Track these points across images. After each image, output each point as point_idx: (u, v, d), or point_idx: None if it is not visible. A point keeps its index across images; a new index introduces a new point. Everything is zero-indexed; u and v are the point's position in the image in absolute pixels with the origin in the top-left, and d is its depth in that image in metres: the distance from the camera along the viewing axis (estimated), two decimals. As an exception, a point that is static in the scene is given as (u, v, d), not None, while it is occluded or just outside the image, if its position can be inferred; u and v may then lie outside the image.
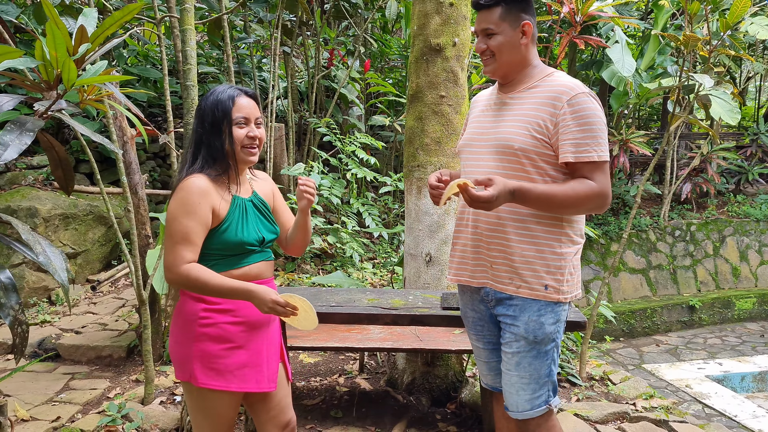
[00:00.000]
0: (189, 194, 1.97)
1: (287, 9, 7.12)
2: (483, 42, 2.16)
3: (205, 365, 2.02)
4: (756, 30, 8.00)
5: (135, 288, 3.64)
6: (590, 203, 2.04)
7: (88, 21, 2.27)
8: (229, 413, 2.12)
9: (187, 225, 1.96)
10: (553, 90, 2.09)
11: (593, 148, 2.02)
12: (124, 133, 3.84)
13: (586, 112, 2.03)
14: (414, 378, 3.84)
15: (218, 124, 2.04)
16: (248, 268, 2.11)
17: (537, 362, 2.16)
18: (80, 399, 3.76)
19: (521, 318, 2.15)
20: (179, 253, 1.96)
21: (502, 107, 2.22)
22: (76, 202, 5.90)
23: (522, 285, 2.14)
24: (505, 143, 2.13)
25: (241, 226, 2.07)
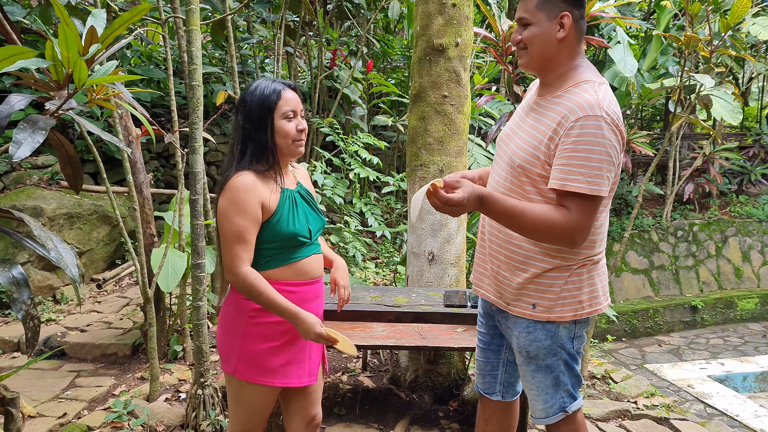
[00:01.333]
0: (237, 192, 1.99)
1: (290, 9, 7.16)
2: (518, 32, 2.01)
3: (250, 361, 2.10)
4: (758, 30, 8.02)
5: (140, 286, 3.67)
6: (557, 236, 1.90)
7: (98, 22, 2.30)
8: (267, 407, 2.20)
9: (240, 224, 1.99)
10: (569, 105, 1.90)
11: (585, 179, 1.83)
12: (129, 132, 3.88)
13: (590, 138, 1.83)
14: (417, 376, 3.87)
15: (265, 119, 2.06)
16: (302, 263, 2.15)
17: (539, 375, 2.14)
18: (86, 396, 3.80)
19: (514, 332, 2.16)
20: (236, 254, 2.00)
21: (530, 112, 2.09)
22: (81, 201, 5.94)
23: (511, 302, 2.12)
24: (512, 157, 2.05)
25: (292, 218, 2.10)
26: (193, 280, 3.27)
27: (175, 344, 4.31)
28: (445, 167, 3.68)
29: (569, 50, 1.99)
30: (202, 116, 3.11)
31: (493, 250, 2.16)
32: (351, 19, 8.44)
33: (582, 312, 2.07)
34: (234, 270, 2.00)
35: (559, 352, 2.10)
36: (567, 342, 2.10)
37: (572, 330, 2.10)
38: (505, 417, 2.46)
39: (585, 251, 2.05)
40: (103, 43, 2.12)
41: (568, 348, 2.11)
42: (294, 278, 2.13)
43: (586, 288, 2.06)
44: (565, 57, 1.99)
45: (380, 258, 7.17)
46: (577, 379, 2.17)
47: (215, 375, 4.02)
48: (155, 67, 7.63)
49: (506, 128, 2.22)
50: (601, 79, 1.99)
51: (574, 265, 2.04)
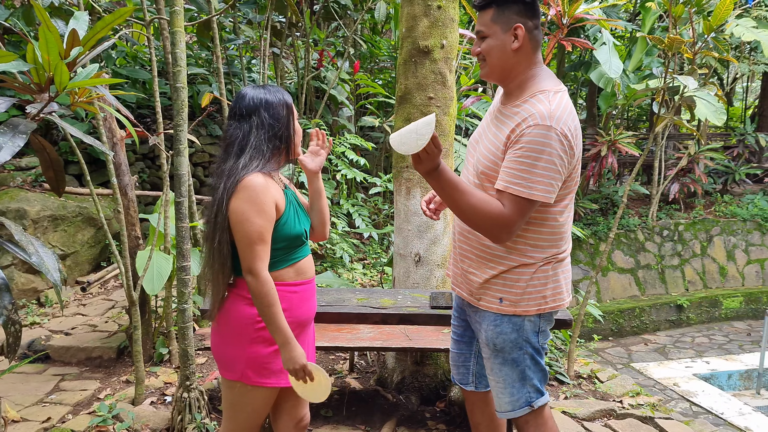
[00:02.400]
0: (256, 192, 1.98)
1: (276, 10, 7.14)
2: (477, 44, 2.11)
3: (259, 365, 2.11)
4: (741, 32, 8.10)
5: (125, 289, 3.65)
6: (486, 226, 1.98)
7: (80, 24, 2.29)
8: (266, 409, 2.23)
9: (260, 224, 1.99)
10: (523, 114, 1.98)
11: (526, 184, 1.92)
12: (113, 134, 3.85)
13: (536, 146, 1.91)
14: (404, 377, 3.87)
15: (289, 118, 2.13)
16: (301, 263, 2.19)
17: (506, 368, 2.21)
18: (71, 400, 3.77)
19: (483, 326, 2.23)
20: (259, 255, 1.99)
21: (494, 119, 2.16)
22: (65, 203, 5.90)
23: (481, 297, 2.21)
24: (477, 163, 2.15)
25: (295, 218, 2.15)
26: (179, 283, 3.25)
27: (161, 347, 4.29)
28: (431, 169, 3.68)
29: (526, 60, 2.07)
30: (186, 118, 3.09)
31: (463, 250, 2.26)
32: (338, 20, 8.44)
33: (546, 306, 2.16)
34: (257, 272, 1.98)
35: (524, 346, 2.18)
36: (532, 336, 2.19)
37: (537, 324, 2.19)
38: (485, 407, 2.55)
39: (550, 250, 2.13)
40: (84, 45, 2.11)
41: (533, 342, 2.20)
42: (295, 278, 2.16)
43: (551, 284, 2.16)
44: (522, 66, 2.08)
45: (368, 259, 7.17)
46: (543, 374, 2.25)
47: (201, 378, 4.01)
48: (141, 68, 7.58)
49: (474, 133, 2.31)
50: (558, 87, 2.06)
51: (540, 263, 2.13)
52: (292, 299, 2.12)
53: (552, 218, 2.09)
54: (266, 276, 1.99)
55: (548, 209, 2.06)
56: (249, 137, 2.07)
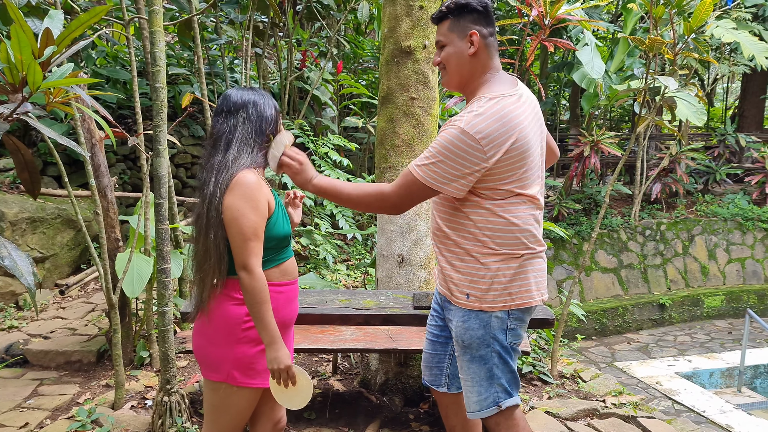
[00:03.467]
0: (249, 189, 1.98)
1: (259, 10, 7.10)
2: (437, 54, 2.22)
3: (245, 366, 2.10)
4: (721, 33, 8.19)
5: (104, 292, 3.60)
6: (373, 204, 2.19)
7: (54, 23, 2.25)
8: (251, 409, 2.21)
9: (256, 220, 1.99)
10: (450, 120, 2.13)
11: (420, 161, 2.09)
12: (92, 135, 3.80)
13: (441, 140, 2.05)
14: (387, 378, 3.86)
15: (275, 119, 2.15)
16: (286, 264, 2.19)
17: (474, 366, 2.24)
18: (49, 405, 3.71)
19: (453, 321, 2.28)
20: (253, 251, 1.99)
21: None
22: (44, 205, 5.82)
23: (449, 292, 2.27)
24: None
25: (283, 218, 2.17)
26: (159, 286, 3.21)
27: (142, 350, 4.24)
28: (413, 169, 3.67)
29: (482, 65, 2.17)
30: (166, 118, 3.06)
31: (437, 247, 2.32)
32: (321, 20, 8.41)
33: (512, 303, 2.18)
34: (251, 268, 1.97)
35: (492, 344, 2.20)
36: (499, 333, 2.20)
37: (505, 321, 2.20)
38: (458, 409, 2.55)
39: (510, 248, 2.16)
40: (59, 44, 2.07)
41: (501, 340, 2.21)
42: (281, 279, 2.16)
43: (517, 281, 2.18)
44: (478, 72, 2.18)
45: (351, 260, 7.15)
46: (512, 375, 2.25)
47: (182, 381, 3.97)
48: (121, 68, 7.50)
49: None
50: (501, 92, 2.11)
51: (505, 259, 2.16)
52: (278, 299, 2.12)
53: (500, 216, 2.12)
54: (260, 272, 1.99)
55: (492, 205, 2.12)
56: (236, 131, 2.07)
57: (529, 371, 4.38)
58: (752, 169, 11.52)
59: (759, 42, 8.72)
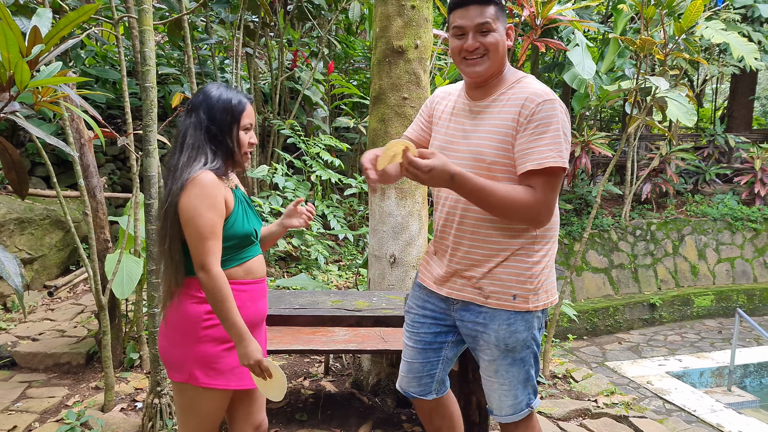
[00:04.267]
0: (206, 188, 1.97)
1: (249, 10, 7.07)
2: (476, 39, 2.04)
3: (206, 365, 2.05)
4: (711, 34, 8.22)
5: (94, 293, 3.57)
6: (524, 213, 1.97)
7: (42, 21, 2.22)
8: (219, 412, 2.16)
9: (213, 218, 1.97)
10: (523, 95, 2.03)
11: (556, 155, 1.94)
12: (81, 135, 3.77)
13: (551, 120, 1.96)
14: (379, 379, 3.84)
15: (231, 126, 2.07)
16: (250, 263, 2.15)
17: (514, 369, 2.16)
18: (37, 407, 3.67)
19: (491, 326, 2.12)
20: (211, 249, 1.96)
21: (472, 116, 2.15)
22: (33, 206, 5.76)
23: (490, 296, 2.11)
24: (478, 156, 2.08)
25: (244, 217, 2.13)
26: (148, 287, 3.19)
27: (132, 352, 4.20)
28: (405, 169, 3.66)
29: (506, 57, 2.15)
30: (156, 118, 3.03)
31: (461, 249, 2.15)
32: (311, 20, 8.38)
33: (551, 299, 2.17)
34: (209, 267, 1.95)
35: (531, 344, 2.15)
36: (537, 333, 2.17)
37: (541, 320, 2.17)
38: (444, 410, 2.47)
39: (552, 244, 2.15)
40: (47, 43, 2.05)
41: (538, 339, 2.18)
42: (245, 277, 2.13)
43: (552, 276, 2.17)
44: (505, 62, 2.14)
45: (343, 261, 7.13)
46: (537, 374, 2.24)
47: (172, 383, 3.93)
48: (111, 68, 7.45)
49: (444, 135, 2.23)
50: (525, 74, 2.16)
51: (549, 250, 2.14)
52: (240, 298, 2.08)
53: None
54: (218, 271, 1.96)
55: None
56: (187, 135, 2.07)
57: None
58: (741, 169, 11.59)
59: (748, 43, 8.77)
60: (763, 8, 10.04)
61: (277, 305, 3.04)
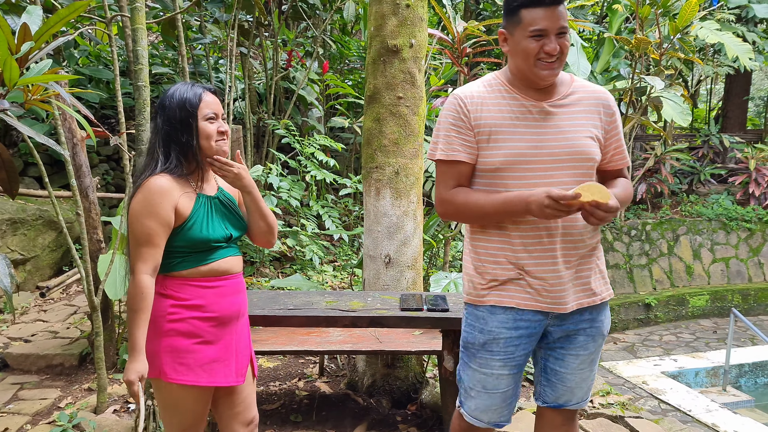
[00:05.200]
0: (150, 194, 1.98)
1: (243, 9, 7.04)
2: (556, 42, 1.94)
3: (174, 360, 2.03)
4: (705, 34, 8.22)
5: (86, 294, 3.54)
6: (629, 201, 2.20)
7: (32, 19, 2.19)
8: (198, 408, 2.13)
9: (150, 226, 1.97)
10: (596, 95, 2.13)
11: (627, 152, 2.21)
12: (73, 134, 3.74)
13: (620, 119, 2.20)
14: (374, 380, 3.83)
15: (188, 120, 2.04)
16: (216, 263, 2.12)
17: (597, 357, 2.29)
18: (29, 409, 3.64)
19: (599, 318, 2.20)
20: (141, 256, 1.98)
21: (548, 117, 2.05)
22: (25, 206, 5.72)
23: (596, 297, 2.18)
24: (581, 155, 2.04)
25: (206, 224, 2.08)
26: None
27: (125, 353, 4.17)
28: (400, 169, 3.65)
29: None
30: (149, 117, 3.01)
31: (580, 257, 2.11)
32: (306, 20, 8.36)
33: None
34: (135, 272, 1.97)
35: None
36: None
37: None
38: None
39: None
40: (38, 41, 2.02)
41: None
42: (210, 274, 2.10)
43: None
44: None
45: (338, 261, 7.10)
46: None
47: (166, 384, 3.90)
48: (104, 67, 7.41)
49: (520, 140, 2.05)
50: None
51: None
52: (206, 295, 2.08)
53: None
54: (143, 280, 1.96)
55: None
56: (152, 139, 2.09)
57: (517, 372, 4.36)
58: (736, 169, 11.60)
59: (742, 43, 8.76)
60: (757, 9, 10.06)
61: (271, 306, 3.02)
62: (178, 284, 2.06)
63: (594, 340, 2.21)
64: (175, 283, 2.06)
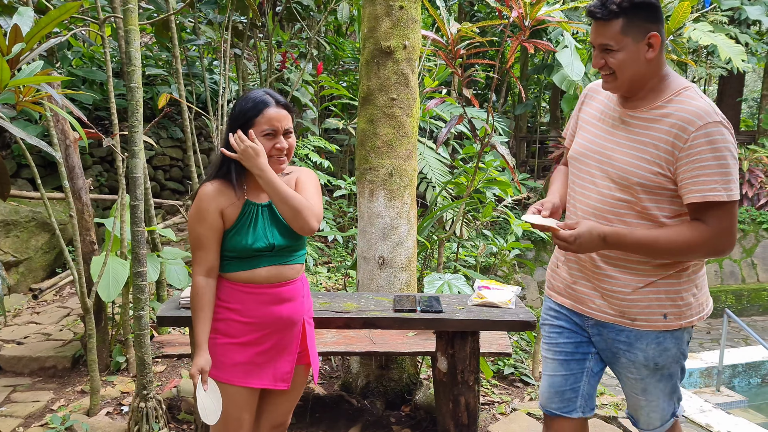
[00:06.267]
0: (199, 201, 2.08)
1: (238, 11, 7.03)
2: (601, 57, 1.94)
3: (213, 357, 2.11)
4: (698, 36, 8.27)
5: (79, 296, 3.53)
6: (700, 250, 1.88)
7: (24, 20, 2.19)
8: (237, 410, 2.15)
9: (200, 232, 2.08)
10: (681, 115, 1.87)
11: (722, 186, 1.81)
12: (66, 136, 3.72)
13: (718, 145, 1.81)
14: (368, 381, 3.82)
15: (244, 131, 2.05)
16: (256, 271, 2.13)
17: (662, 384, 2.12)
18: (22, 412, 3.62)
19: (637, 346, 2.06)
20: (195, 259, 2.10)
21: (622, 126, 2.02)
22: (18, 208, 5.70)
23: (639, 318, 2.03)
24: (622, 174, 1.97)
25: (250, 231, 2.10)
26: (135, 289, 3.16)
27: (118, 355, 4.16)
28: (394, 170, 3.65)
29: (658, 65, 1.96)
30: (142, 119, 3.00)
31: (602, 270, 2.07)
32: (300, 22, 8.36)
33: (704, 312, 2.10)
34: (193, 275, 2.10)
35: (680, 359, 2.11)
36: (686, 347, 2.12)
37: (690, 332, 2.12)
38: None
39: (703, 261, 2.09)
40: (29, 42, 2.02)
41: (685, 352, 2.13)
42: (250, 281, 2.13)
43: (705, 288, 2.11)
44: (654, 72, 1.96)
45: (332, 262, 7.10)
46: (682, 380, 2.20)
47: (159, 387, 3.90)
48: (98, 69, 7.39)
49: (588, 140, 2.13)
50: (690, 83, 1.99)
51: (699, 272, 2.07)
52: (245, 300, 2.13)
53: None
54: (198, 281, 2.08)
55: None
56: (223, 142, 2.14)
57: (511, 373, 4.37)
58: (729, 170, 11.66)
59: (735, 45, 8.81)
60: (750, 10, 10.12)
61: (264, 307, 3.01)
62: (223, 285, 2.14)
63: (636, 367, 2.09)
64: (221, 283, 2.14)
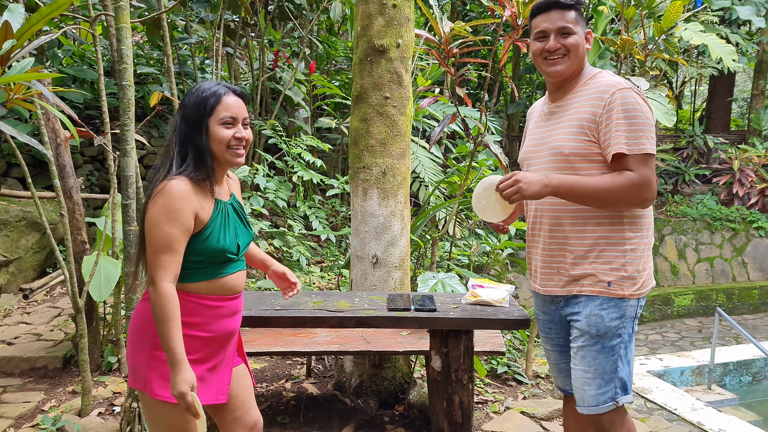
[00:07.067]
0: (172, 199, 1.86)
1: (229, 9, 7.01)
2: (557, 40, 2.20)
3: (160, 376, 1.92)
4: (690, 36, 8.28)
5: (70, 296, 3.51)
6: (631, 195, 2.08)
7: (14, 17, 2.16)
8: (187, 426, 1.99)
9: (171, 232, 1.86)
10: (598, 87, 2.16)
11: (644, 141, 2.07)
12: (57, 135, 3.70)
13: (633, 106, 2.08)
14: (362, 381, 3.81)
15: (200, 122, 1.94)
16: (226, 279, 2.03)
17: (601, 357, 2.19)
18: (12, 413, 3.59)
19: (583, 312, 2.21)
20: (162, 264, 1.86)
21: (551, 117, 2.30)
22: (8, 207, 5.66)
23: (585, 284, 2.20)
24: (556, 150, 2.21)
25: (223, 233, 1.99)
26: (126, 289, 3.13)
27: (110, 355, 4.13)
28: (387, 169, 3.64)
29: (585, 58, 2.28)
30: (133, 117, 2.98)
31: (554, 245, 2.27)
32: (293, 20, 8.34)
33: (647, 288, 2.22)
34: (156, 281, 1.85)
35: (622, 333, 2.19)
36: (630, 324, 2.21)
37: (635, 309, 2.22)
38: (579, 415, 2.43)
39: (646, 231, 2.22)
40: (19, 39, 2.00)
41: (630, 330, 2.22)
42: (215, 293, 2.01)
43: (649, 267, 2.23)
44: (583, 63, 2.27)
45: (325, 262, 7.08)
46: (630, 370, 2.22)
47: (152, 386, 3.87)
48: (89, 67, 7.35)
49: (530, 140, 2.41)
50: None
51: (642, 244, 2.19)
52: (206, 314, 1.99)
53: None
54: (165, 288, 1.84)
55: None
56: (169, 136, 1.99)
57: (504, 371, 4.38)
58: (720, 170, 11.71)
59: (726, 45, 8.84)
60: (740, 10, 10.16)
61: (257, 306, 3.00)
62: (181, 298, 1.92)
63: (580, 335, 2.23)
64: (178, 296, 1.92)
